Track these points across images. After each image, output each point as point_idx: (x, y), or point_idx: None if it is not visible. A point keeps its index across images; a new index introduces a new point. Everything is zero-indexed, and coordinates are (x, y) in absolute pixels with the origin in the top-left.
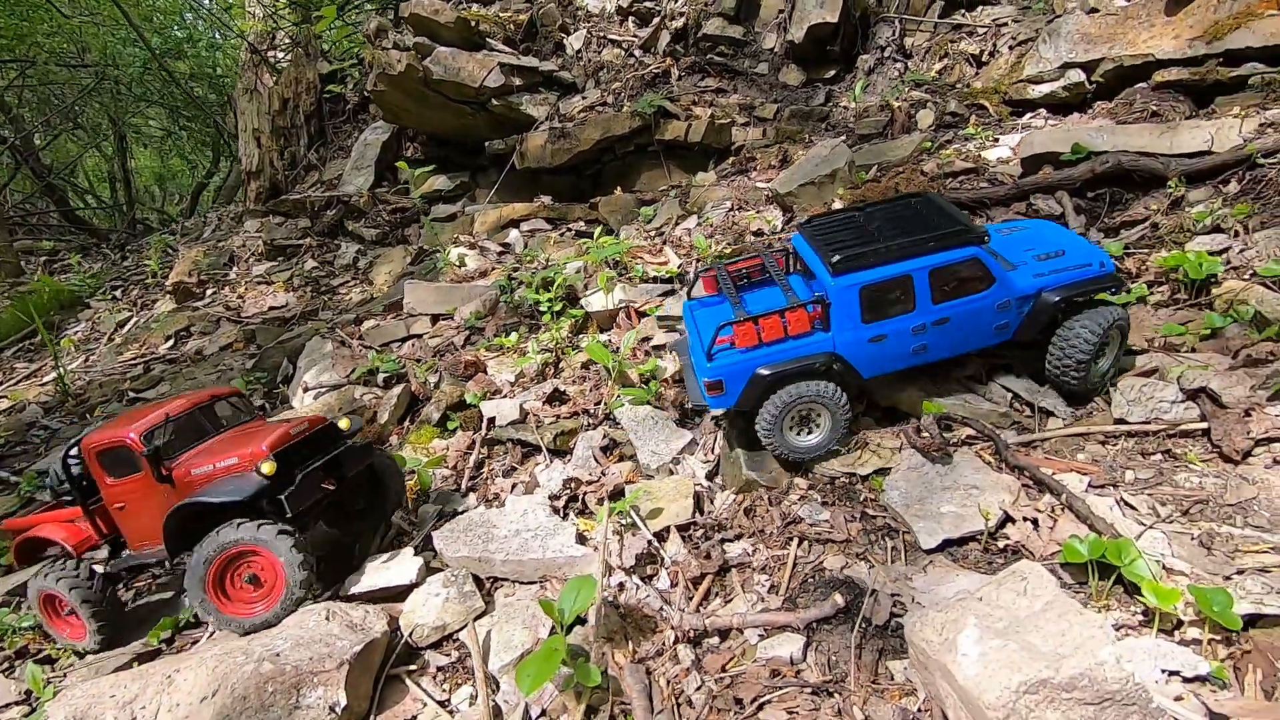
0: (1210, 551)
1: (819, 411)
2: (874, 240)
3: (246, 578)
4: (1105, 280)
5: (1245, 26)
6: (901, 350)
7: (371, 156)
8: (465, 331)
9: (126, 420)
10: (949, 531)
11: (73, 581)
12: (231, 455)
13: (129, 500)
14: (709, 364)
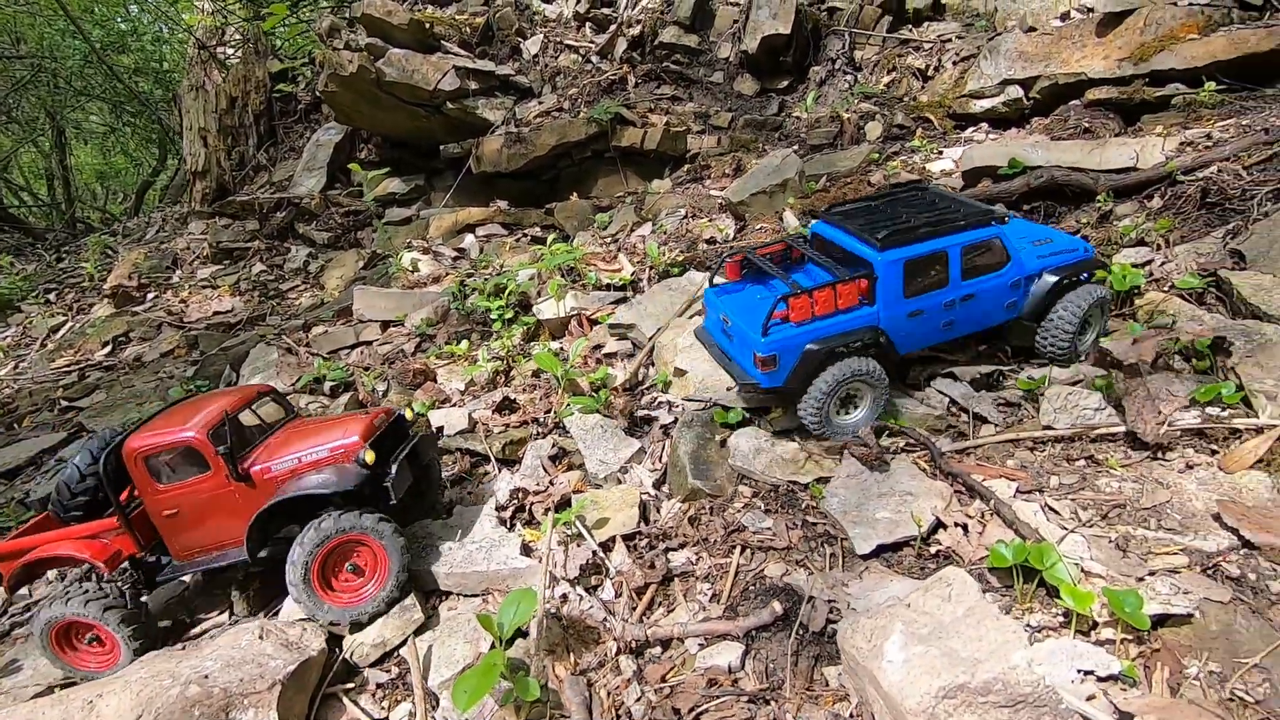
0: (1126, 554)
1: (860, 391)
2: (905, 220)
3: (349, 568)
4: (1092, 262)
5: (1168, 49)
6: (933, 326)
7: (324, 158)
8: (416, 339)
9: (172, 421)
10: (883, 537)
11: (106, 602)
12: (317, 447)
13: (184, 505)
14: (764, 339)
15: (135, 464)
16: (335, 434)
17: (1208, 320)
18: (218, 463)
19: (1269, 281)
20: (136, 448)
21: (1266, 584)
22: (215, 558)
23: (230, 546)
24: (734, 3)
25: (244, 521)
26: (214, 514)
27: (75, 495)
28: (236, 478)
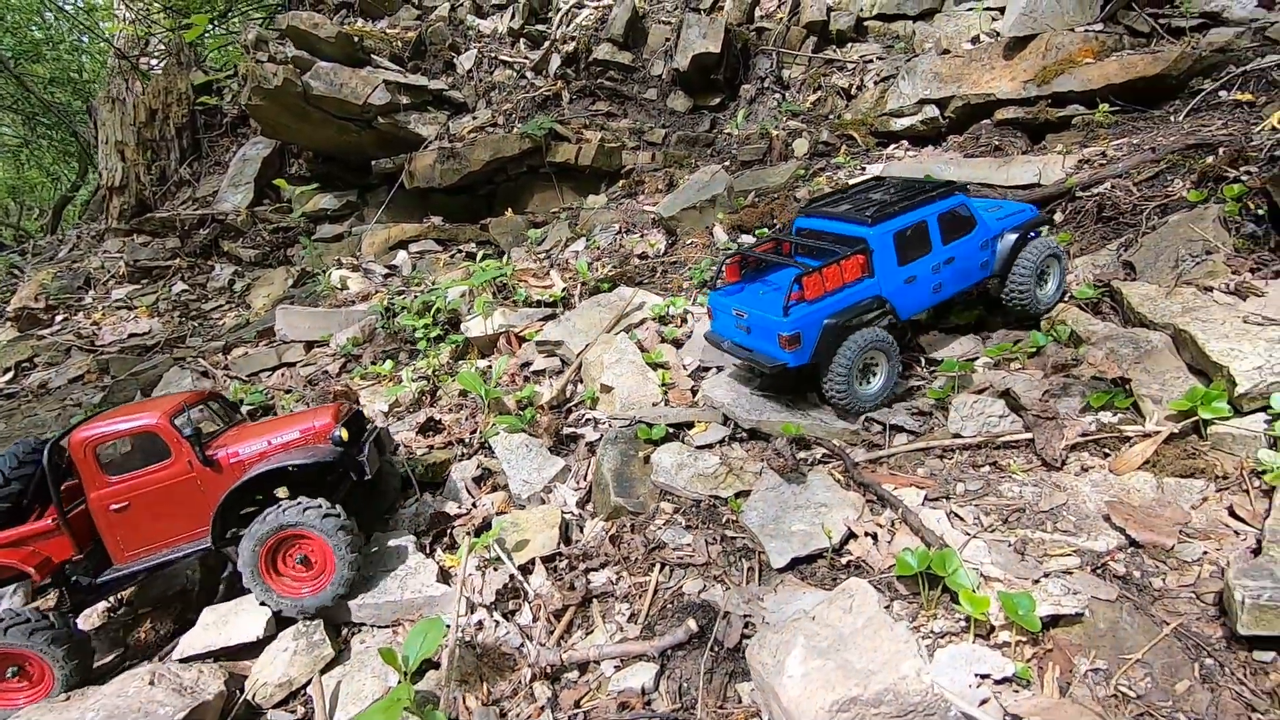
0: (1023, 557)
1: (877, 360)
2: (884, 201)
3: (298, 559)
4: (1040, 219)
5: (1068, 72)
6: (926, 289)
7: (251, 173)
8: (341, 359)
9: (124, 412)
10: (798, 550)
11: (34, 626)
12: (286, 431)
13: (138, 497)
14: (786, 319)
15: (85, 455)
16: (303, 420)
17: (1099, 329)
18: (180, 448)
19: (1155, 291)
20: (88, 437)
21: (1149, 580)
22: (164, 555)
23: (183, 540)
24: (666, 21)
25: (204, 511)
26: (170, 505)
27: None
28: (204, 461)
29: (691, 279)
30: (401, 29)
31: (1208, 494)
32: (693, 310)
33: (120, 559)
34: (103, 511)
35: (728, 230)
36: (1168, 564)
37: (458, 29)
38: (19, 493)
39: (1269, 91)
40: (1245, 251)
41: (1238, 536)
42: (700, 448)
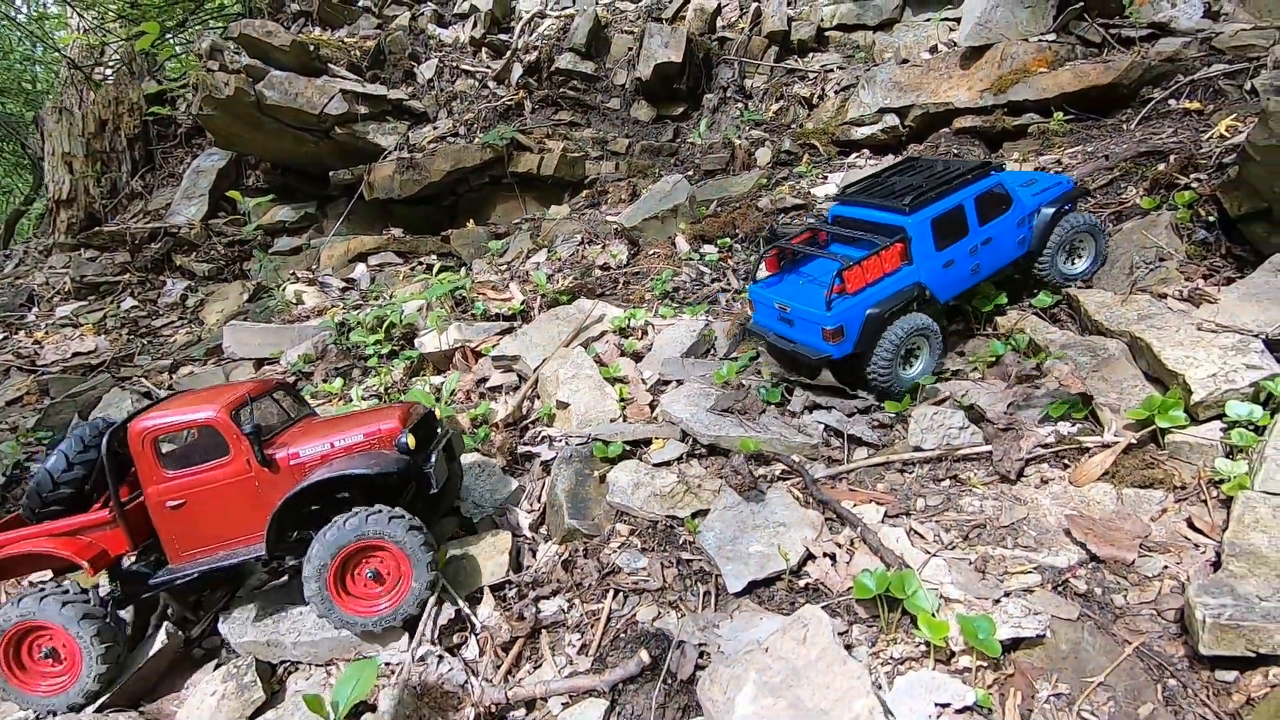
0: (984, 575)
1: (919, 344)
2: (920, 186)
3: (369, 574)
4: (1077, 189)
5: (1023, 81)
6: (964, 271)
7: (205, 184)
8: (292, 377)
9: (186, 402)
10: (755, 573)
11: (82, 607)
12: (350, 433)
13: (195, 495)
14: (829, 313)
15: (143, 447)
16: (369, 422)
17: (1057, 338)
18: (240, 446)
19: (1111, 299)
20: (147, 428)
21: (1110, 598)
22: (221, 557)
23: (240, 544)
24: (629, 31)
25: (262, 514)
26: (227, 505)
27: (58, 487)
28: (261, 462)
29: (653, 290)
30: (360, 38)
31: (1167, 505)
32: (654, 322)
33: (176, 559)
34: (159, 508)
35: (690, 240)
36: (1129, 580)
37: (418, 38)
38: (82, 478)
39: (1216, 100)
40: (1197, 258)
41: (1197, 550)
42: (657, 465)
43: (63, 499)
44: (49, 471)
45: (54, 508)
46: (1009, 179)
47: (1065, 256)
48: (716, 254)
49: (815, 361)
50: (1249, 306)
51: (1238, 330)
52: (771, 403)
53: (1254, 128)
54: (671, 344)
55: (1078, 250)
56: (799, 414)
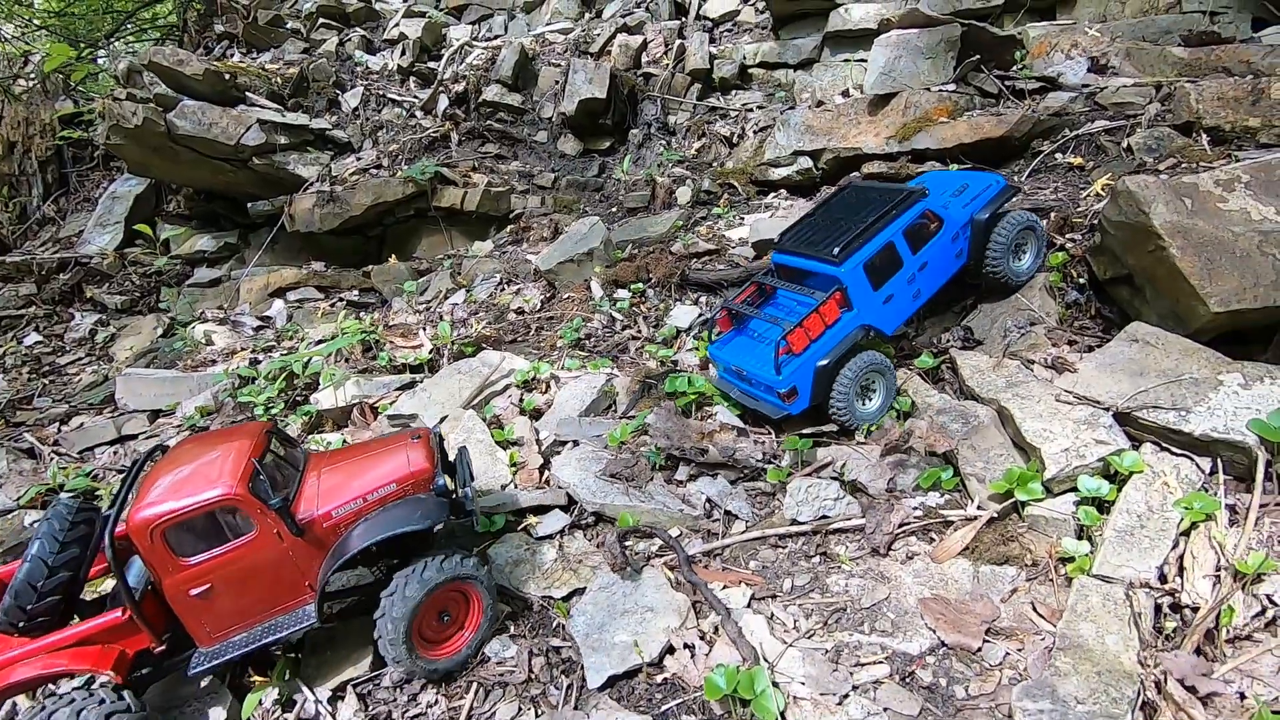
0: (837, 667)
1: (873, 380)
2: (847, 227)
3: (443, 617)
4: (1008, 191)
5: (925, 130)
6: (906, 300)
7: (121, 211)
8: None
9: (186, 479)
10: (616, 666)
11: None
12: (382, 482)
13: (220, 578)
14: (780, 377)
15: (153, 540)
16: (395, 463)
17: (935, 402)
18: (265, 521)
19: (985, 363)
20: (153, 519)
21: (953, 689)
22: (260, 632)
23: (279, 612)
24: (555, 64)
25: (299, 578)
26: (260, 581)
27: (44, 596)
28: (296, 533)
29: (563, 338)
30: (283, 64)
31: (1018, 584)
32: (559, 375)
33: (207, 641)
34: (181, 597)
35: (604, 285)
36: (972, 669)
37: (344, 65)
38: (68, 581)
39: (1097, 156)
40: (1069, 320)
41: (1038, 636)
42: (540, 539)
43: (49, 608)
44: (29, 582)
45: (39, 619)
46: (937, 197)
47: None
48: (629, 300)
49: (779, 420)
50: (1104, 377)
51: (1091, 402)
52: (658, 468)
53: (1107, 203)
54: (573, 400)
55: (1021, 248)
56: (684, 482)
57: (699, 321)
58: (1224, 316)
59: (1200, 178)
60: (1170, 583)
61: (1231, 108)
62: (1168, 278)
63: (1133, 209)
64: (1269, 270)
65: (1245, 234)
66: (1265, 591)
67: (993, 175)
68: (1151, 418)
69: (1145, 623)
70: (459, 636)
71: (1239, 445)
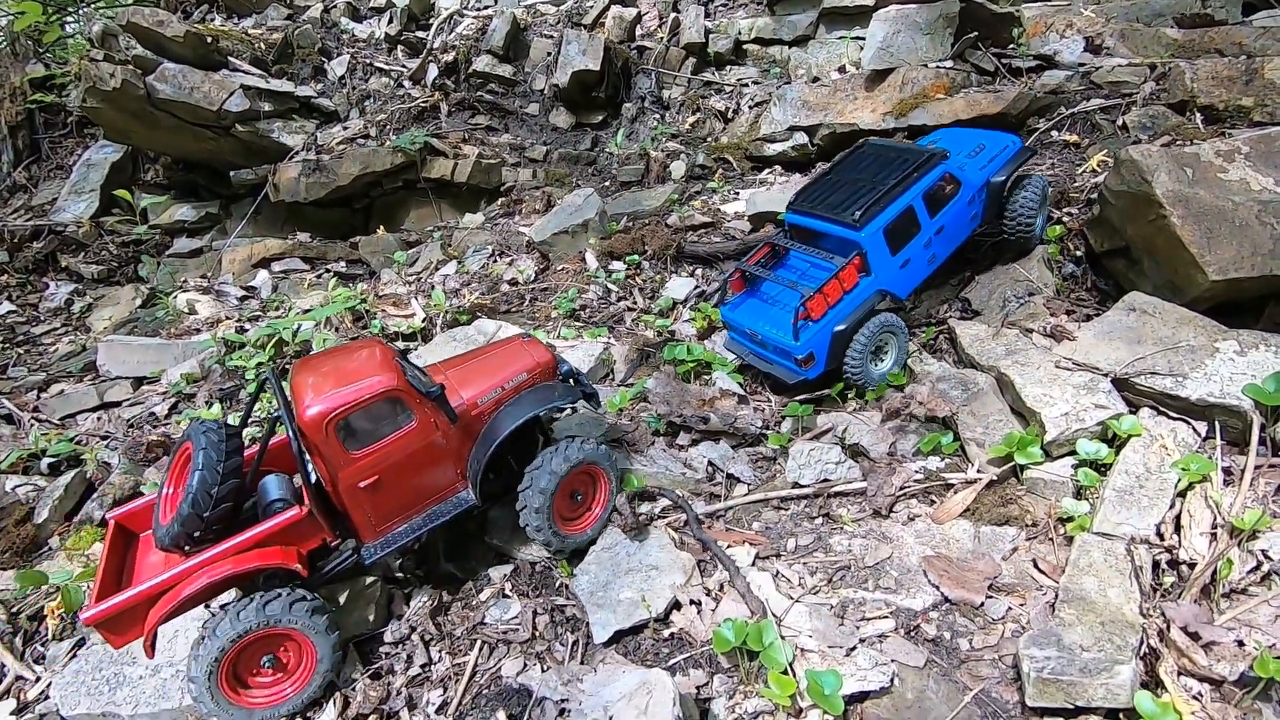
0: (843, 621)
1: (887, 341)
2: (867, 189)
3: (575, 496)
4: (1025, 153)
5: (922, 106)
6: (921, 264)
7: (97, 179)
8: (172, 398)
9: (344, 378)
10: (622, 622)
11: (312, 605)
12: (514, 373)
13: (387, 467)
14: (797, 342)
15: (326, 433)
16: (520, 356)
17: (935, 370)
18: (423, 410)
19: (984, 332)
20: (327, 410)
21: (957, 642)
22: (420, 522)
23: (434, 502)
24: (548, 35)
25: (451, 468)
26: (420, 469)
27: (219, 503)
28: (453, 419)
29: (557, 308)
30: (267, 29)
31: (1018, 543)
32: (554, 344)
33: (371, 535)
34: (352, 490)
35: (599, 256)
36: (975, 623)
37: (330, 32)
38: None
39: (1092, 134)
40: (1066, 292)
41: (1040, 591)
42: None
43: (225, 514)
44: (205, 491)
45: (213, 529)
46: (955, 159)
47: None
48: (624, 271)
49: (794, 383)
50: (1102, 345)
51: (1090, 369)
52: (660, 434)
53: (1109, 172)
54: None
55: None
56: (686, 447)
57: (696, 294)
58: (1222, 285)
59: (1201, 148)
60: (1168, 540)
61: (1225, 87)
62: (1167, 247)
63: (1135, 178)
64: (1266, 239)
65: (1245, 203)
66: (1260, 547)
67: (1009, 136)
68: (1149, 383)
69: (1145, 577)
70: (588, 515)
71: (1234, 409)
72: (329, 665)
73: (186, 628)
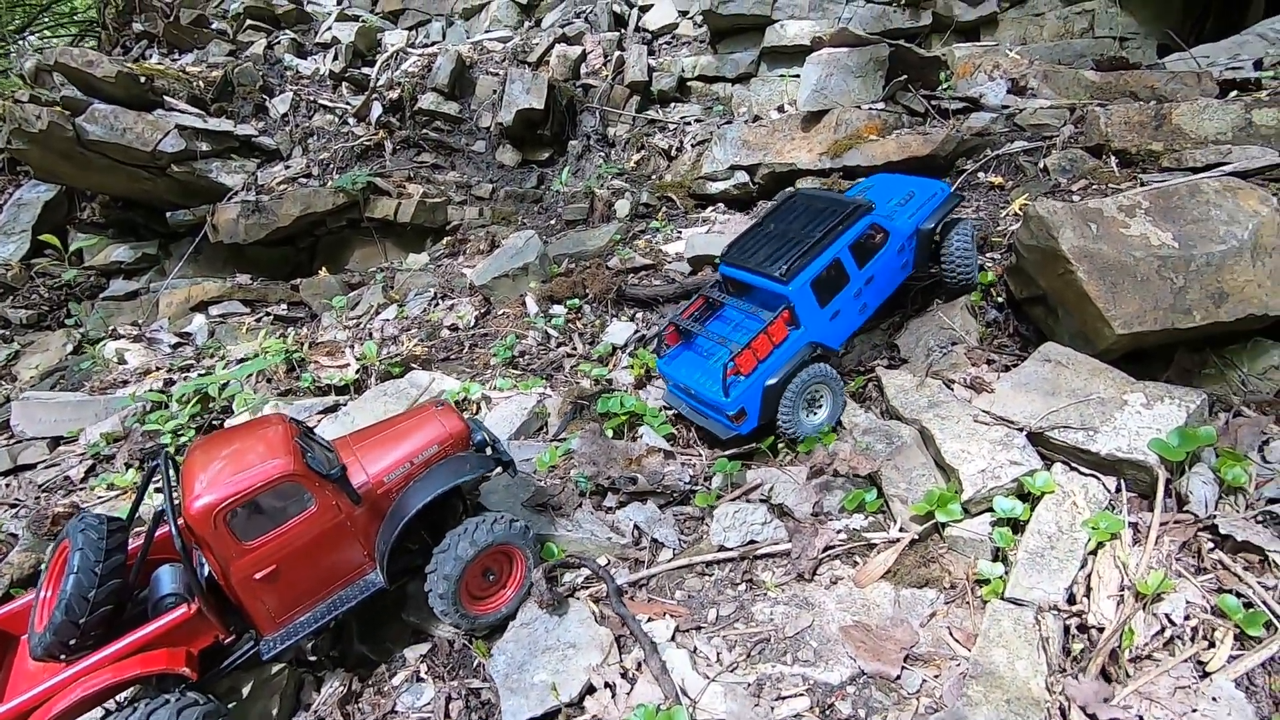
0: (759, 701)
1: (820, 392)
2: (794, 242)
3: (488, 575)
4: (954, 199)
5: (855, 147)
6: (852, 315)
7: (28, 219)
8: (90, 460)
9: (236, 466)
10: (534, 709)
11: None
12: (423, 445)
13: (284, 557)
14: (728, 399)
15: (216, 525)
16: (431, 428)
17: (861, 422)
18: (323, 494)
19: (909, 382)
20: (216, 502)
21: None
22: (324, 611)
23: (339, 588)
24: (493, 73)
25: (355, 551)
26: (323, 554)
27: (96, 607)
28: (355, 501)
29: (496, 355)
30: (206, 67)
31: (937, 607)
32: (490, 396)
33: (269, 628)
34: (246, 582)
35: (539, 301)
36: (890, 698)
37: (273, 69)
38: (119, 589)
39: (1016, 176)
40: (988, 339)
41: (954, 662)
42: None
43: (104, 618)
44: (80, 595)
45: (92, 635)
46: (883, 207)
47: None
48: (565, 316)
49: (729, 439)
50: (1019, 397)
51: (1006, 422)
52: (586, 495)
53: (1020, 226)
54: (504, 422)
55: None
56: (613, 509)
57: (635, 339)
58: (1127, 338)
59: (1104, 203)
60: (1078, 603)
61: (1137, 132)
62: (1076, 300)
63: (1043, 233)
64: (1167, 293)
65: (1145, 259)
66: (1164, 610)
67: (938, 183)
68: (1061, 437)
69: (1054, 646)
70: (501, 595)
71: (1141, 464)
72: None
73: None
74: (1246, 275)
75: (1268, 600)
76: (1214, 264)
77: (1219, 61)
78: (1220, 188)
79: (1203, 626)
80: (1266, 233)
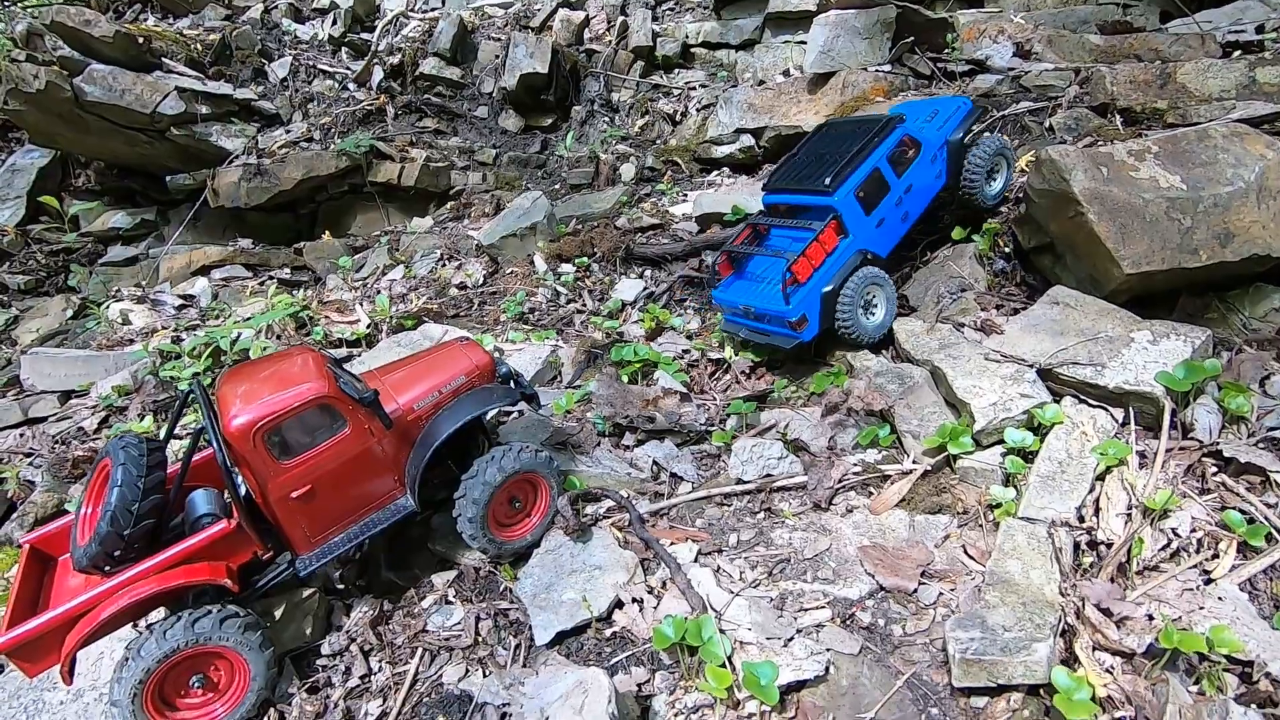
0: (781, 613)
1: (875, 294)
2: (834, 159)
3: (514, 503)
4: (975, 110)
5: (862, 109)
6: (896, 222)
7: (23, 185)
8: (102, 412)
9: (270, 385)
10: (564, 623)
11: (244, 621)
12: (451, 376)
13: (319, 478)
14: (789, 306)
15: (254, 444)
16: (458, 360)
17: (873, 365)
18: (356, 415)
19: (919, 327)
20: (253, 422)
21: (890, 629)
22: (358, 532)
23: (371, 511)
24: (496, 38)
25: (387, 475)
26: (354, 477)
27: (140, 520)
28: (388, 425)
29: (506, 311)
30: (204, 30)
31: (950, 530)
32: (502, 348)
33: (305, 547)
34: (283, 501)
35: (548, 259)
36: (908, 609)
37: (271, 33)
38: (161, 503)
39: (1021, 135)
40: (996, 287)
41: (969, 576)
42: None
43: (146, 532)
44: (125, 508)
45: (133, 548)
46: (912, 122)
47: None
48: (573, 274)
49: (793, 349)
50: (1028, 337)
51: (1017, 360)
52: (605, 435)
53: (1031, 171)
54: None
55: (994, 172)
56: (631, 447)
57: (645, 294)
58: (1135, 278)
59: (1115, 148)
60: (1087, 522)
61: (1142, 90)
62: (1086, 242)
63: (1055, 176)
64: (1175, 234)
65: (1154, 200)
66: (1170, 526)
67: (959, 99)
68: (1071, 373)
69: (1065, 558)
70: (527, 522)
71: (1148, 396)
72: (263, 683)
73: (112, 649)
74: (1252, 216)
75: (1269, 515)
76: (1221, 205)
77: (1221, 25)
78: (1228, 133)
79: (1207, 539)
80: (1272, 176)
